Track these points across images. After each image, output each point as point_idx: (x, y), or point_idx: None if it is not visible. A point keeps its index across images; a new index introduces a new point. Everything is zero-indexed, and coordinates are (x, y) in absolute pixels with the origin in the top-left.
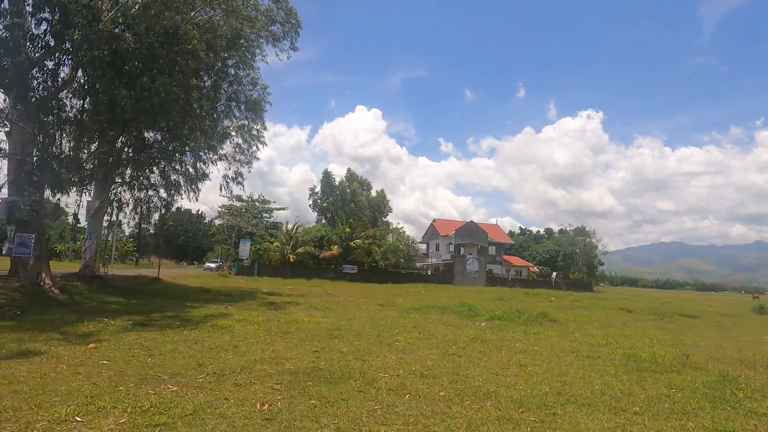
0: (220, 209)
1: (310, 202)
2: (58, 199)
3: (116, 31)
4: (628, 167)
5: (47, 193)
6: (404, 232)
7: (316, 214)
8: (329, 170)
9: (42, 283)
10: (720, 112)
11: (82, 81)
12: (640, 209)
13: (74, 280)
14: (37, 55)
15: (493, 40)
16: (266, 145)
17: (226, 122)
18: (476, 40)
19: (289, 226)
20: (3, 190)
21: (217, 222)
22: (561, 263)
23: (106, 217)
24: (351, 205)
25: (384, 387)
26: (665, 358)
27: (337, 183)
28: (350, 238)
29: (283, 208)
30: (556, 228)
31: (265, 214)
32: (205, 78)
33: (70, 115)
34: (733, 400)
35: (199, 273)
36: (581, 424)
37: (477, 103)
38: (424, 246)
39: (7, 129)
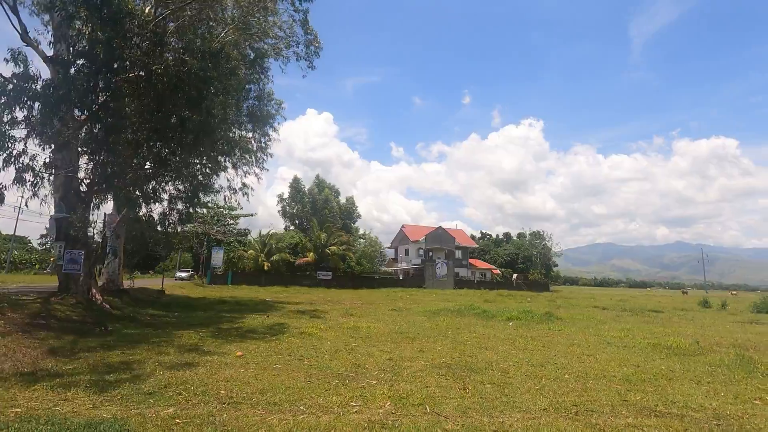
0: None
1: (279, 209)
2: (123, 214)
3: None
4: (567, 173)
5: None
6: (377, 238)
7: (284, 220)
8: (298, 176)
9: (93, 299)
10: (645, 123)
11: (147, 104)
12: (578, 213)
13: (105, 295)
14: (94, 72)
15: (441, 50)
16: (272, 156)
17: (243, 134)
18: (425, 49)
19: (261, 233)
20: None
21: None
22: (521, 265)
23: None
24: (325, 212)
25: (519, 374)
26: (683, 345)
27: (306, 190)
28: (325, 244)
29: (252, 214)
30: (514, 233)
31: (230, 221)
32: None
33: (129, 135)
34: (759, 370)
35: (173, 283)
36: (686, 390)
37: (426, 109)
38: (392, 251)
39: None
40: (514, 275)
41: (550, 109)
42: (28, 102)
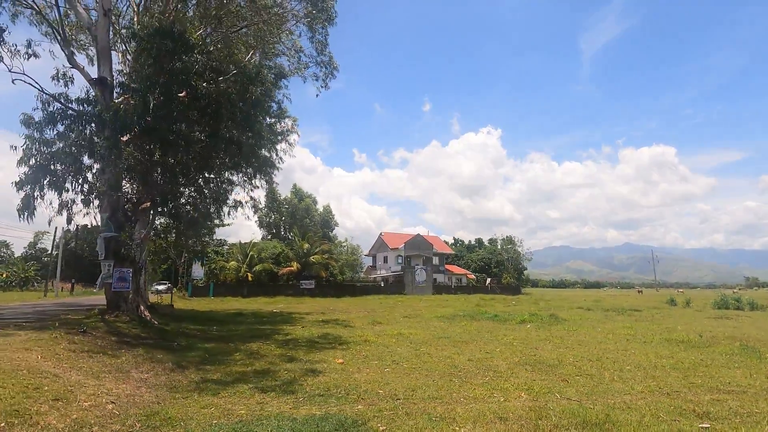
0: None
1: (255, 218)
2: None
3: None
4: (524, 179)
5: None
6: (359, 246)
7: (261, 230)
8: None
9: (142, 315)
10: (594, 132)
11: (203, 127)
12: (534, 217)
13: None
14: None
15: (399, 58)
16: (281, 169)
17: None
18: (383, 56)
19: (241, 243)
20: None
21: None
22: (494, 270)
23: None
24: (306, 221)
25: (590, 368)
26: (692, 339)
27: (282, 198)
28: (308, 254)
29: (228, 224)
30: (473, 237)
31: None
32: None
33: (185, 157)
34: (765, 357)
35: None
36: (727, 374)
37: (387, 116)
38: (369, 258)
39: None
40: (488, 279)
41: (507, 118)
42: (92, 126)
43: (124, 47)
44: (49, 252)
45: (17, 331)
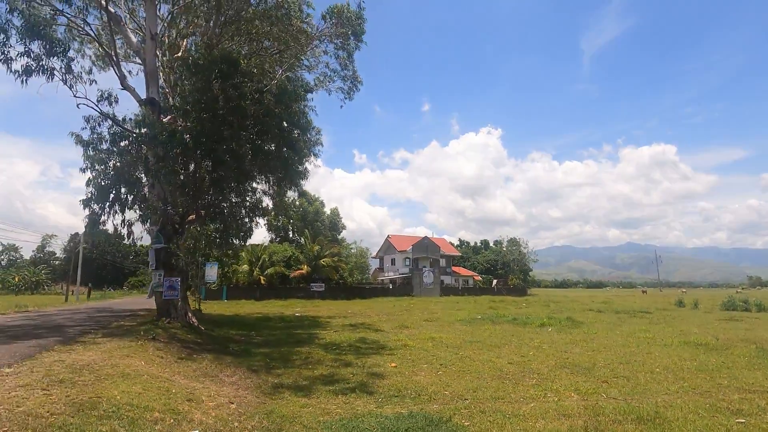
0: None
1: (264, 222)
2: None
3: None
4: (525, 179)
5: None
6: (368, 249)
7: (269, 234)
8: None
9: (190, 322)
10: (595, 131)
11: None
12: (536, 217)
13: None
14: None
15: (396, 59)
16: (306, 178)
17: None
18: (382, 59)
19: (252, 246)
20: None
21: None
22: (500, 271)
23: None
24: (317, 225)
25: (623, 370)
26: (709, 342)
27: (290, 202)
28: (318, 256)
29: None
30: (477, 238)
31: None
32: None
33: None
34: None
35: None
36: (749, 375)
37: (387, 117)
38: (376, 261)
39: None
40: (494, 281)
41: (507, 118)
42: (147, 147)
43: (161, 66)
44: (58, 255)
45: (97, 338)
